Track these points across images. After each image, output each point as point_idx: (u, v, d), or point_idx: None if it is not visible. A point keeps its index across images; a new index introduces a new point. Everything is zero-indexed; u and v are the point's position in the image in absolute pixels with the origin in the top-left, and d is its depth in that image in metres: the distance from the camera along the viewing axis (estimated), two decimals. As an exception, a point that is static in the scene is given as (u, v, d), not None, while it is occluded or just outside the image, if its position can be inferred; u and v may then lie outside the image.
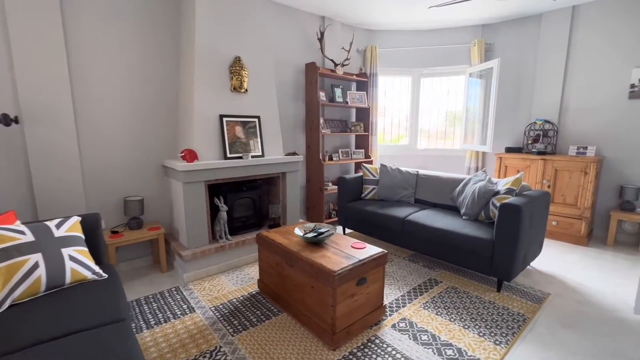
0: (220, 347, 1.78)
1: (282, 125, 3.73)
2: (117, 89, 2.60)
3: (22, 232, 1.53)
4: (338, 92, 4.02)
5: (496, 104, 3.95)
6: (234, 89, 2.80)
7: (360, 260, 1.82)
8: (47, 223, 1.66)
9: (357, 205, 3.38)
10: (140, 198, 2.66)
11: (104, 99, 2.55)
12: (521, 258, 2.35)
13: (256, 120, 2.98)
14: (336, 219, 4.04)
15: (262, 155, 3.01)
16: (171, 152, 2.91)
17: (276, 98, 3.17)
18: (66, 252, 1.59)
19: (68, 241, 1.64)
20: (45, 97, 2.24)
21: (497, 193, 2.65)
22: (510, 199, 2.34)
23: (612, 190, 3.49)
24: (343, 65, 3.96)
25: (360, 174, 3.69)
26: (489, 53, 4.16)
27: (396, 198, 3.47)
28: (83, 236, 1.75)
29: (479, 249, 2.40)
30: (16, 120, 2.10)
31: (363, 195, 3.60)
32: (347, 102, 4.13)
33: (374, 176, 3.62)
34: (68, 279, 1.55)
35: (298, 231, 2.11)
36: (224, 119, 2.76)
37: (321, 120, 3.85)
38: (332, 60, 3.89)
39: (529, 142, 3.90)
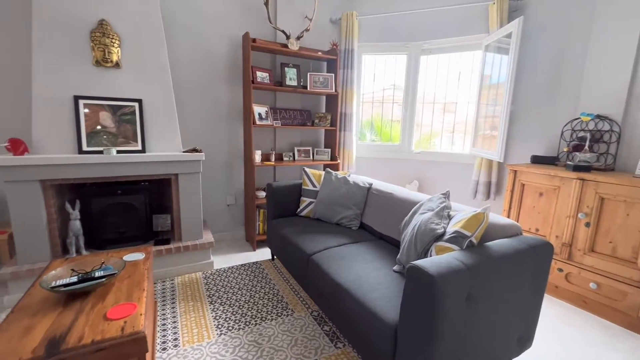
0: None
1: (212, 115, 2.99)
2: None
3: None
4: (290, 73, 3.11)
5: (513, 89, 2.60)
6: (97, 62, 2.15)
7: (55, 355, 1.00)
8: None
9: (279, 225, 2.48)
10: (-17, 194, 2.21)
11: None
12: (448, 371, 1.24)
13: (135, 105, 2.30)
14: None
15: (143, 151, 2.32)
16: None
17: (170, 77, 2.43)
18: None
19: None
20: None
21: (440, 237, 1.52)
22: (433, 260, 1.23)
23: None
24: (299, 38, 3.03)
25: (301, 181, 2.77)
26: (515, 14, 2.78)
27: (335, 219, 2.47)
28: None
29: (375, 337, 1.35)
30: None
31: (299, 210, 2.67)
32: (304, 87, 3.19)
33: (315, 186, 2.66)
34: None
35: (52, 274, 1.36)
36: (81, 102, 2.14)
37: (261, 110, 3.00)
38: (283, 32, 2.99)
39: (567, 149, 2.48)
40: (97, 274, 1.37)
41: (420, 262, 1.18)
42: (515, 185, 2.55)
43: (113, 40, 2.16)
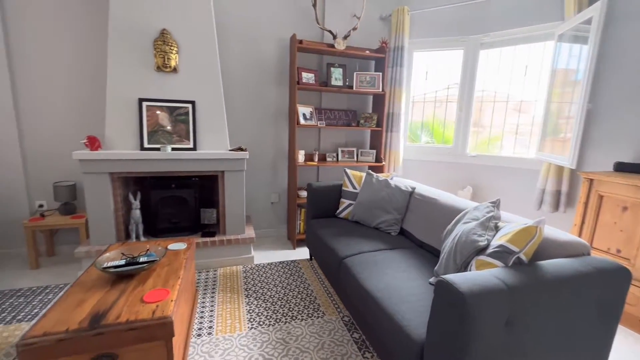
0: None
1: (260, 115, 3.12)
2: (57, 88, 2.54)
3: None
4: (336, 72, 3.08)
5: (591, 84, 2.22)
6: (158, 68, 2.38)
7: (95, 329, 1.11)
8: None
9: (317, 225, 2.48)
10: (72, 183, 2.59)
11: (48, 96, 2.54)
12: (481, 403, 1.09)
13: (189, 106, 2.49)
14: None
15: (194, 148, 2.51)
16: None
17: (221, 80, 2.58)
18: None
19: None
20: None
21: (482, 250, 1.35)
22: (467, 275, 1.09)
23: None
24: (346, 37, 3.00)
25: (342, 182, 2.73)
26: (598, -4, 2.37)
27: (373, 223, 2.38)
28: None
29: (400, 352, 1.25)
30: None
31: (338, 211, 2.64)
32: (350, 86, 3.14)
33: (355, 188, 2.60)
34: None
35: (106, 256, 1.52)
36: (144, 104, 2.38)
37: (305, 110, 3.03)
38: (330, 32, 2.99)
39: (664, 155, 2.04)
40: (141, 259, 1.51)
41: (450, 277, 1.06)
42: (590, 196, 2.18)
43: (172, 48, 2.37)
